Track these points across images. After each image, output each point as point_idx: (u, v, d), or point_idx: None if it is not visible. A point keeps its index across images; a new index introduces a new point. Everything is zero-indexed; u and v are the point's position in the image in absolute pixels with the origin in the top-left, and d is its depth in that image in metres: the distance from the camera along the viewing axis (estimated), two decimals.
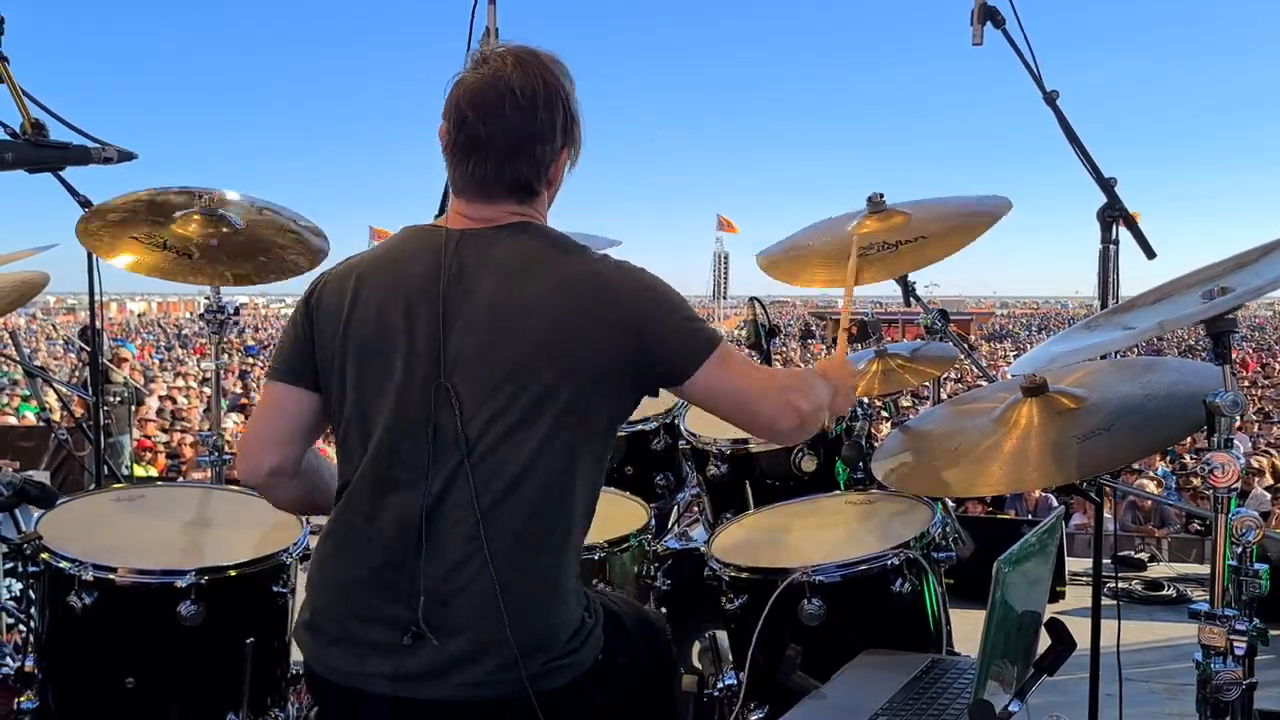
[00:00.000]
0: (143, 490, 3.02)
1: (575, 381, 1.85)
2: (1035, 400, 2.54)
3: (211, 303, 3.31)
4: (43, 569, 2.56)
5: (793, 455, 3.04)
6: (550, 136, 1.94)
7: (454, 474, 1.84)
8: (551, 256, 1.93)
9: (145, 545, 2.68)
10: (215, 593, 2.52)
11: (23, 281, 4.10)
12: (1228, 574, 2.14)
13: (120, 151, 1.90)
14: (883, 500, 2.88)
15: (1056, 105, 3.33)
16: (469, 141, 1.92)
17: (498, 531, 1.83)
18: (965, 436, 2.61)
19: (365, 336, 1.94)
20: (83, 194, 3.67)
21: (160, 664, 2.54)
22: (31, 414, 12.98)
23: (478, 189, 1.96)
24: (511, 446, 1.84)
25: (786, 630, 2.47)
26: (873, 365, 3.01)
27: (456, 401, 1.84)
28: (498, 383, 1.84)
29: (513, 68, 1.91)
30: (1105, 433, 2.33)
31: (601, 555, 2.84)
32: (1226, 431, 2.10)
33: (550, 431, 1.85)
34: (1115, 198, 3.34)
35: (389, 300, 1.93)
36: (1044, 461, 2.37)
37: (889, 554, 2.50)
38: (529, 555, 1.85)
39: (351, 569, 1.91)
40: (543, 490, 1.85)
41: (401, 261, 1.97)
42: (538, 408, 1.84)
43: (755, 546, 2.76)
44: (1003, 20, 3.29)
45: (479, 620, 1.82)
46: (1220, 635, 2.11)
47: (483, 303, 1.87)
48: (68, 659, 2.59)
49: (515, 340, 1.84)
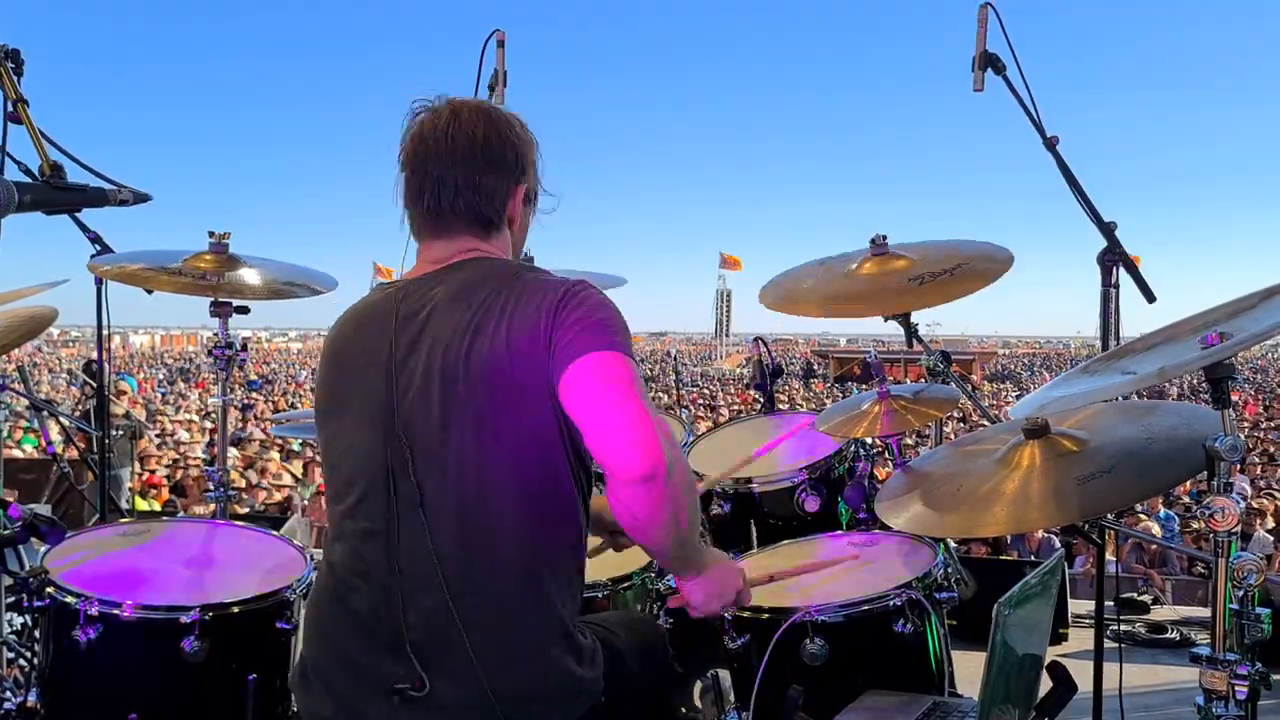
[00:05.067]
0: (148, 525, 3.03)
1: (511, 397, 1.83)
2: (1037, 442, 2.55)
3: (219, 339, 3.34)
4: (48, 603, 2.57)
5: (795, 495, 3.05)
6: (498, 171, 2.00)
7: (413, 523, 1.85)
8: (487, 280, 1.94)
9: (151, 580, 2.69)
10: (219, 629, 2.53)
11: (31, 317, 4.14)
12: (1229, 618, 2.14)
13: (136, 193, 1.93)
14: (885, 541, 2.89)
15: (1056, 150, 3.37)
16: (422, 179, 2.00)
17: (463, 578, 1.82)
18: (967, 478, 2.62)
19: (330, 394, 2.03)
20: (94, 230, 3.72)
21: (163, 700, 2.54)
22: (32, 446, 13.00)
23: (435, 227, 2.02)
24: (464, 489, 1.83)
25: (789, 670, 2.47)
26: (875, 406, 3.02)
27: (409, 450, 1.85)
28: (441, 424, 1.84)
29: (453, 113, 2.00)
30: (1106, 475, 2.34)
31: (605, 593, 2.84)
32: (1226, 475, 2.11)
33: (501, 456, 1.83)
34: (1115, 241, 3.36)
35: (347, 361, 2.01)
36: (1046, 502, 2.38)
37: (891, 595, 2.50)
38: (502, 602, 1.83)
39: (337, 620, 1.93)
40: (508, 532, 1.84)
41: (362, 322, 2.02)
42: (483, 434, 1.82)
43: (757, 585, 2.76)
44: (1003, 67, 3.34)
45: (459, 669, 1.81)
46: (1222, 680, 2.11)
47: (423, 348, 1.89)
48: (71, 694, 2.59)
49: (451, 376, 1.84)
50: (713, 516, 3.19)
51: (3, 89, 2.19)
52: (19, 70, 2.30)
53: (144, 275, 3.22)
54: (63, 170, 1.85)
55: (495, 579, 1.84)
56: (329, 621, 1.95)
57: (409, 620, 1.83)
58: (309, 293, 3.44)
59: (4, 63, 2.25)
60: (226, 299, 3.26)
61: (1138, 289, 3.41)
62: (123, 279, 3.27)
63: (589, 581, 2.74)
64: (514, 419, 1.83)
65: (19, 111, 2.09)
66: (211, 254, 3.27)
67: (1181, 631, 5.49)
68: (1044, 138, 3.36)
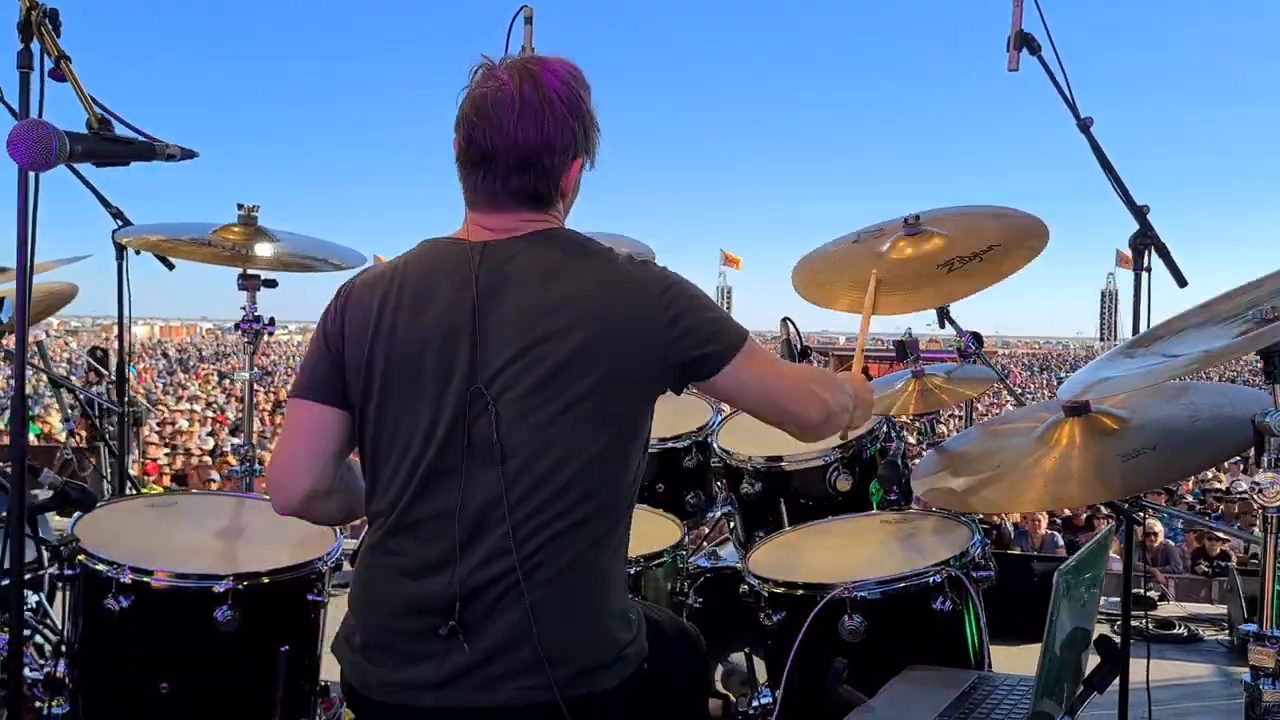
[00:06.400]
0: (176, 498, 3.01)
1: (609, 382, 1.83)
2: (1077, 420, 2.54)
3: (247, 313, 3.32)
4: (78, 572, 2.55)
5: (828, 474, 3.04)
6: (561, 146, 1.92)
7: (489, 483, 1.82)
8: (577, 259, 1.91)
9: (181, 551, 2.66)
10: (251, 599, 2.51)
11: (51, 293, 4.12)
12: (1276, 596, 2.13)
13: (183, 150, 1.92)
14: (918, 519, 2.88)
15: (1090, 132, 3.34)
16: (478, 154, 1.92)
17: (534, 538, 1.81)
18: (1006, 455, 2.61)
19: (395, 351, 1.91)
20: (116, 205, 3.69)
21: (194, 670, 2.52)
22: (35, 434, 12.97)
23: (488, 201, 1.95)
24: (548, 453, 1.82)
25: (826, 646, 2.45)
26: (909, 385, 3.01)
27: (493, 409, 1.82)
28: (532, 389, 1.82)
29: (520, 78, 1.90)
30: (1151, 452, 2.33)
31: (636, 570, 2.83)
32: (1276, 451, 2.10)
33: (586, 435, 1.83)
34: (1148, 225, 3.35)
35: (418, 315, 1.91)
36: (1088, 479, 2.38)
37: (930, 571, 2.49)
38: (567, 562, 1.83)
39: (393, 583, 1.90)
40: (580, 495, 1.84)
41: (428, 275, 1.94)
42: (572, 411, 1.82)
43: (791, 563, 2.75)
44: (1038, 47, 3.32)
45: (514, 627, 1.81)
46: (1270, 656, 2.10)
47: (513, 312, 1.86)
48: (102, 664, 2.57)
49: (548, 346, 1.83)
50: (743, 495, 3.17)
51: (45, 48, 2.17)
52: (58, 30, 2.28)
53: (170, 246, 3.19)
54: (110, 124, 1.83)
55: (561, 548, 1.83)
56: (385, 583, 1.91)
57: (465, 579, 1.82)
58: (332, 268, 3.42)
59: (44, 22, 2.23)
60: (255, 271, 3.24)
61: (1170, 273, 3.40)
62: (148, 249, 3.25)
63: None
64: (603, 400, 1.84)
65: (62, 69, 2.07)
66: (240, 226, 3.25)
67: (1189, 628, 5.47)
68: (1078, 119, 3.33)
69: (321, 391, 1.98)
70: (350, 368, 1.95)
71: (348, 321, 1.97)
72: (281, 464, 2.03)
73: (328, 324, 2.00)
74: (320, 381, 1.98)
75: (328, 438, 1.99)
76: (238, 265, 3.19)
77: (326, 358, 1.99)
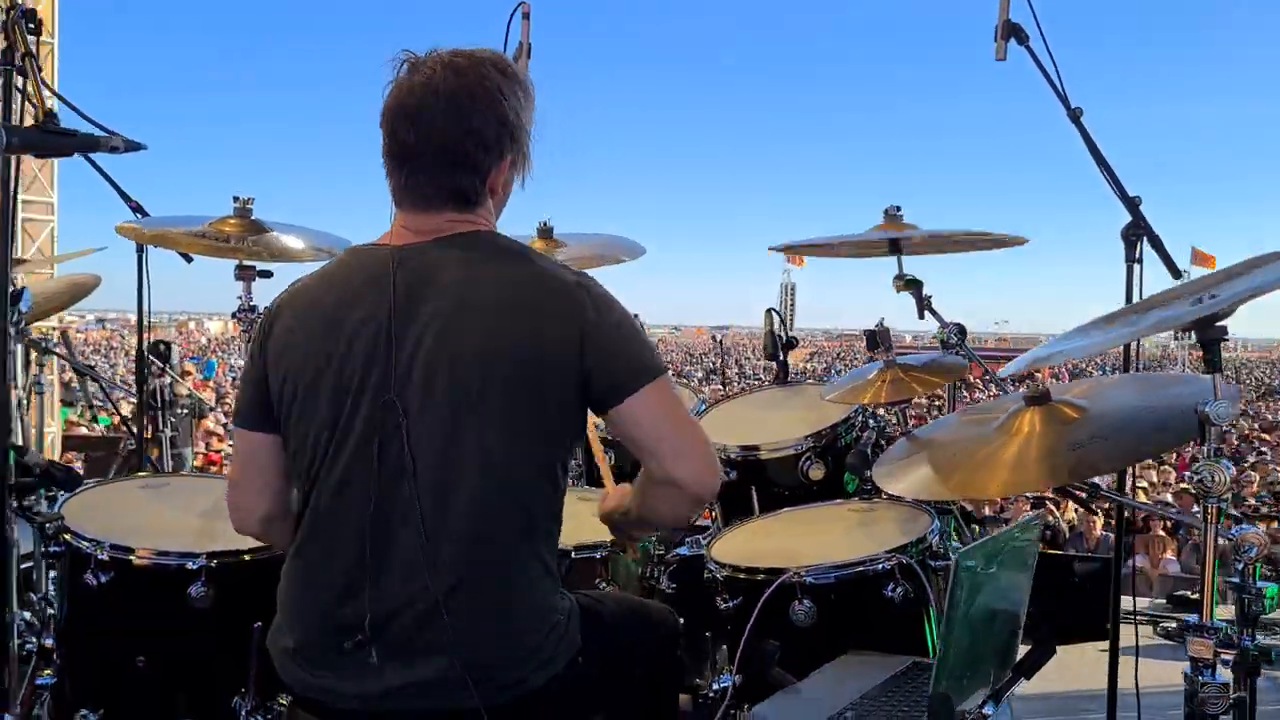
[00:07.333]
0: (168, 479, 3.12)
1: (522, 394, 1.82)
2: (1038, 410, 2.53)
3: (243, 302, 3.43)
4: (64, 549, 2.66)
5: (800, 463, 3.05)
6: (486, 144, 1.88)
7: (400, 495, 1.82)
8: (496, 263, 1.89)
9: (162, 530, 2.76)
10: (225, 576, 2.59)
11: (73, 283, 4.29)
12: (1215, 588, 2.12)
13: (127, 141, 2.00)
14: (885, 508, 2.88)
15: (1080, 122, 3.31)
16: (401, 150, 1.89)
17: (446, 549, 1.81)
18: (968, 444, 2.61)
19: (310, 363, 1.89)
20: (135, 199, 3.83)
21: (170, 644, 2.62)
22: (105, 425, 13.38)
23: (413, 200, 1.92)
24: (459, 465, 1.81)
25: (778, 631, 2.48)
26: (883, 375, 3.01)
27: (403, 418, 1.80)
28: (445, 401, 1.81)
29: (444, 73, 1.86)
30: (1101, 440, 2.32)
31: (604, 554, 2.87)
32: (1216, 441, 2.09)
33: (498, 447, 1.81)
34: (1140, 216, 3.31)
35: (336, 327, 1.88)
36: (1038, 467, 2.37)
37: (881, 558, 2.50)
38: (482, 573, 1.83)
39: (309, 591, 1.92)
40: (494, 509, 1.83)
41: (349, 284, 1.92)
42: (484, 423, 1.80)
43: (754, 550, 2.78)
44: (1027, 36, 3.29)
45: (433, 633, 1.81)
46: (1208, 647, 2.08)
47: (428, 318, 1.83)
48: (83, 637, 2.68)
49: (462, 357, 1.81)
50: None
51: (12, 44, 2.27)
52: (37, 30, 2.39)
53: (168, 237, 3.31)
54: (56, 117, 1.91)
55: (475, 559, 1.83)
56: (306, 589, 1.94)
57: (384, 586, 1.83)
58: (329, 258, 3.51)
59: (20, 21, 2.34)
60: (250, 263, 3.35)
61: (1163, 264, 3.36)
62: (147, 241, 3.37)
63: (591, 542, 2.79)
64: (512, 405, 1.82)
65: (26, 65, 2.16)
66: (236, 218, 3.35)
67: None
68: (1068, 109, 3.30)
69: (253, 418, 1.99)
70: (273, 388, 1.95)
71: (272, 338, 1.96)
72: (235, 489, 2.07)
73: (256, 343, 2.00)
74: (250, 407, 1.99)
75: (268, 465, 2.00)
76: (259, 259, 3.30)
77: (253, 380, 1.99)
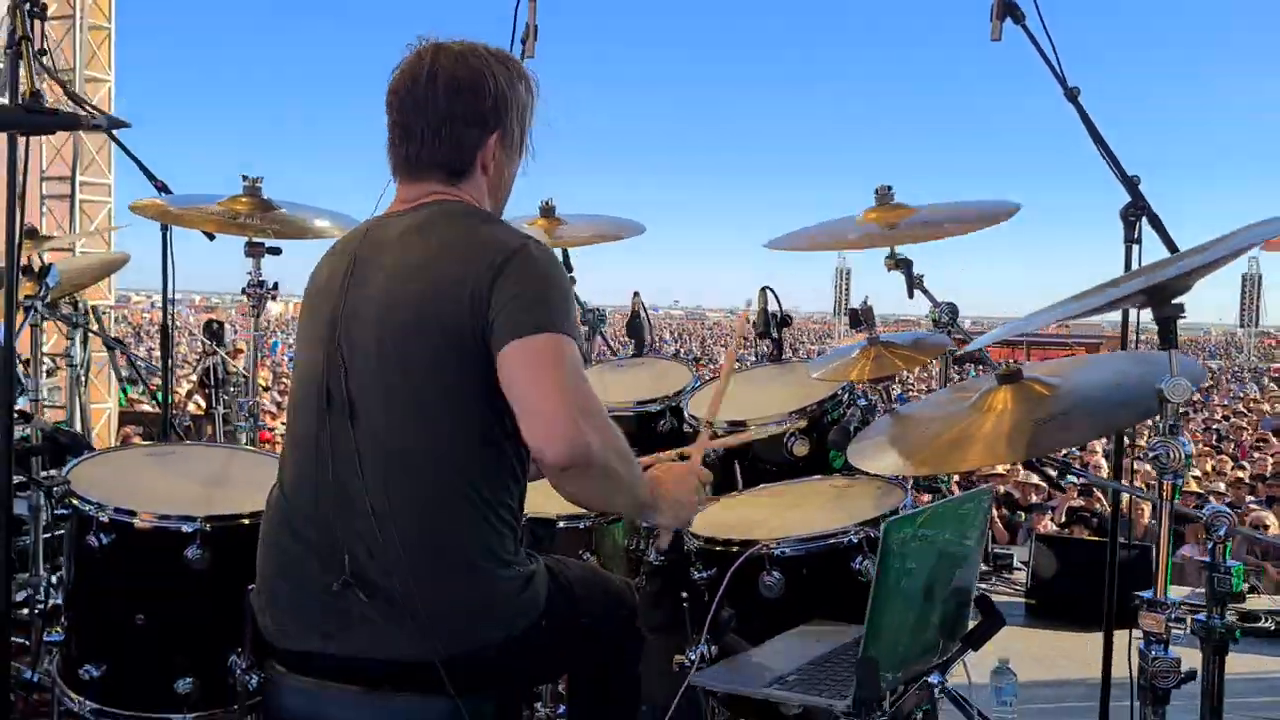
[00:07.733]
0: (174, 447, 3.24)
1: (444, 345, 1.90)
2: (1010, 387, 2.56)
3: (252, 278, 3.55)
4: (71, 512, 2.79)
5: (785, 440, 3.09)
6: (473, 120, 2.02)
7: (347, 447, 1.92)
8: (442, 227, 1.99)
9: (164, 495, 2.88)
10: (221, 540, 2.70)
11: (102, 262, 4.45)
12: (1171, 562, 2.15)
13: (111, 119, 2.10)
14: (864, 483, 2.91)
15: (1078, 102, 3.30)
16: (398, 125, 2.05)
17: (391, 497, 1.90)
18: (940, 421, 2.64)
19: (303, 333, 2.12)
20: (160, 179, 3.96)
21: (168, 603, 2.73)
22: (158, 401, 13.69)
23: (405, 171, 2.08)
24: (396, 415, 1.91)
25: (749, 601, 2.53)
26: (864, 352, 3.04)
27: (343, 367, 1.94)
28: (380, 352, 1.93)
29: (434, 56, 2.02)
30: (1062, 416, 2.34)
31: (587, 525, 2.93)
32: (1172, 417, 2.11)
33: (430, 399, 1.90)
34: (1139, 195, 3.29)
35: (318, 288, 2.09)
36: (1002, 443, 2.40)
37: (850, 530, 2.54)
38: (426, 518, 1.90)
39: (282, 534, 2.06)
40: (432, 458, 1.91)
41: (340, 252, 2.11)
42: (416, 374, 1.91)
43: (731, 522, 2.82)
44: (1023, 16, 3.28)
45: (391, 583, 1.88)
46: (1160, 621, 2.11)
47: (377, 277, 1.97)
48: (87, 596, 2.81)
49: (397, 311, 1.93)
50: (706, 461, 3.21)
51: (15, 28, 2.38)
52: (42, 16, 2.50)
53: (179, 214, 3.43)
54: (41, 97, 2.01)
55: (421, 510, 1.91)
56: (275, 533, 2.09)
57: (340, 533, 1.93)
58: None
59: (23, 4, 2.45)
60: (260, 239, 3.46)
61: (1163, 243, 3.34)
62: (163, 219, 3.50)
63: (574, 513, 2.85)
64: (440, 360, 1.91)
65: (21, 48, 2.27)
66: (246, 197, 3.47)
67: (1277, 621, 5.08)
68: (1065, 89, 3.29)
69: None
70: None
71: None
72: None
73: None
74: None
75: None
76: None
77: None
